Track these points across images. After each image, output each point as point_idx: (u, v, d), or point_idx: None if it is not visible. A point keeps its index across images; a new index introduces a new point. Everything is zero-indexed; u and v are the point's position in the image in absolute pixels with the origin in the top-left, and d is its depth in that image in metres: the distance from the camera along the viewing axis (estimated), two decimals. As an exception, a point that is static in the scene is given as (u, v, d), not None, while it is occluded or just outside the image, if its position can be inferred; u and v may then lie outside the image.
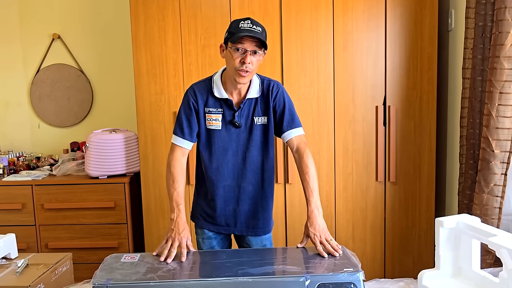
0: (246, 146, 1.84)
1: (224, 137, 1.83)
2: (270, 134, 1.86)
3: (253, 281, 1.37)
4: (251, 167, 1.86)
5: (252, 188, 1.88)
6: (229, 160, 1.85)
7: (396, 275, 2.67)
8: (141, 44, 2.63)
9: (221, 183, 1.86)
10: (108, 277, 1.41)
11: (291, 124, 1.84)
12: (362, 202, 2.68)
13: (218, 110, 1.81)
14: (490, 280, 1.46)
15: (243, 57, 1.68)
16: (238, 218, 1.91)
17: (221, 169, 1.85)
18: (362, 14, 2.57)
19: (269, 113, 1.83)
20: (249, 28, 1.67)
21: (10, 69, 3.41)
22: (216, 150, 1.84)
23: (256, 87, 1.82)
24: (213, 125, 1.82)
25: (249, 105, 1.82)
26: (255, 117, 1.83)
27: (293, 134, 1.84)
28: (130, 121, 3.20)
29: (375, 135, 2.64)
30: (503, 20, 1.87)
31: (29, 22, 3.37)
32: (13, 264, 1.96)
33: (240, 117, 1.82)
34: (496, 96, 1.91)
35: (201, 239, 1.96)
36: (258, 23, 1.72)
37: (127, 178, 2.88)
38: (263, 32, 1.71)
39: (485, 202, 1.97)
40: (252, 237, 1.93)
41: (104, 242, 2.88)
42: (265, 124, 1.84)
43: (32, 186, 2.88)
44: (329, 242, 1.62)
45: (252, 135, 1.83)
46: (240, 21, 1.70)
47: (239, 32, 1.66)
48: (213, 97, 1.81)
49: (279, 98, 1.83)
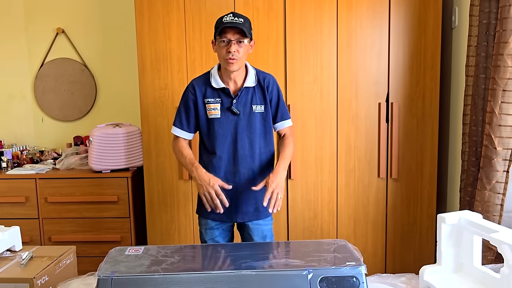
0: (245, 133, 1.97)
1: (223, 124, 1.96)
2: (268, 123, 2.02)
3: (256, 274, 1.38)
4: (250, 152, 1.98)
5: (251, 173, 2.00)
6: (230, 146, 1.97)
7: (397, 271, 2.68)
8: (146, 39, 2.64)
9: (222, 169, 1.97)
10: (113, 269, 1.42)
11: (284, 115, 2.05)
12: (364, 199, 2.70)
13: (216, 99, 1.96)
14: (491, 276, 1.47)
15: (228, 46, 1.86)
16: (238, 205, 1.99)
17: (223, 155, 1.97)
18: (366, 11, 2.57)
19: (266, 103, 1.99)
20: (230, 20, 1.85)
21: (14, 63, 3.42)
22: (216, 137, 1.96)
23: (252, 77, 1.97)
24: (213, 114, 1.97)
25: (246, 93, 1.97)
26: (254, 105, 1.97)
27: (285, 125, 2.06)
28: (134, 116, 3.21)
29: (378, 132, 2.65)
30: (507, 18, 1.87)
31: (34, 16, 3.37)
32: (17, 256, 1.97)
33: (238, 105, 1.95)
34: (499, 93, 1.91)
35: (204, 230, 2.05)
36: (241, 15, 1.88)
37: (130, 173, 2.90)
38: (245, 22, 1.87)
39: (487, 199, 1.98)
40: (253, 226, 2.01)
41: (107, 236, 2.90)
42: (263, 113, 1.99)
43: (35, 179, 2.90)
44: (276, 198, 1.85)
45: (251, 122, 1.97)
46: (224, 16, 1.88)
47: (223, 26, 1.85)
48: (211, 88, 1.97)
49: (273, 90, 2.01)
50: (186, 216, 2.75)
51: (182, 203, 2.75)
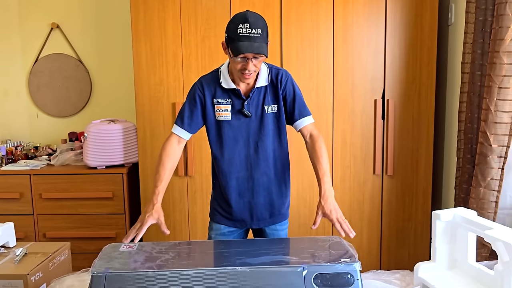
0: (258, 136, 1.82)
1: (234, 127, 1.81)
2: (282, 123, 1.84)
3: (251, 271, 1.37)
4: (264, 156, 1.83)
5: (266, 178, 1.86)
6: (241, 150, 1.83)
7: (392, 267, 2.69)
8: (141, 34, 2.62)
9: (234, 175, 1.85)
10: (106, 266, 1.42)
11: (303, 112, 1.83)
12: (359, 195, 2.70)
13: (226, 100, 1.80)
14: (485, 272, 1.48)
15: (245, 64, 1.67)
16: (254, 211, 1.89)
17: (233, 160, 1.83)
18: (362, 7, 2.57)
19: (279, 102, 1.81)
20: (247, 34, 1.61)
21: (8, 58, 3.40)
22: (227, 140, 1.82)
23: (264, 75, 1.80)
24: (222, 116, 1.81)
25: (258, 94, 1.80)
26: (266, 105, 1.81)
27: (305, 122, 1.83)
28: (129, 112, 3.20)
29: (374, 129, 2.65)
30: (503, 15, 1.87)
31: (28, 11, 3.35)
32: (11, 252, 1.96)
33: (249, 106, 1.80)
34: (495, 90, 1.91)
35: (214, 235, 1.94)
36: (257, 22, 1.63)
37: (125, 169, 2.89)
38: (263, 31, 1.64)
39: (482, 196, 1.99)
40: (270, 231, 1.92)
41: (102, 232, 2.89)
42: (276, 113, 1.82)
43: (30, 175, 2.88)
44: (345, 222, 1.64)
45: (263, 124, 1.81)
46: (239, 24, 1.62)
47: (239, 40, 1.62)
48: (221, 88, 1.80)
49: (289, 87, 1.81)
50: (181, 212, 2.75)
51: (177, 200, 2.75)
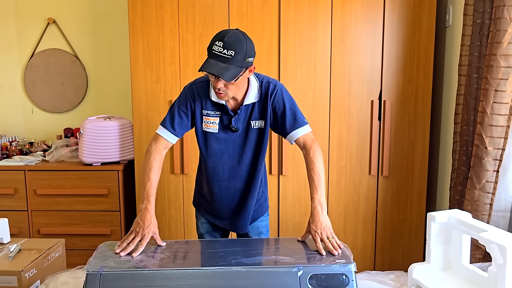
0: (242, 149, 1.81)
1: (221, 140, 1.80)
2: (265, 137, 1.82)
3: (246, 271, 1.38)
4: (247, 168, 1.84)
5: (246, 187, 1.87)
6: (225, 162, 1.83)
7: (386, 267, 2.70)
8: (138, 31, 2.61)
9: (217, 183, 1.85)
10: (102, 264, 1.42)
11: (294, 124, 1.77)
12: (354, 196, 2.70)
13: (216, 113, 1.77)
14: (479, 274, 1.49)
15: (214, 81, 1.62)
16: (235, 218, 1.91)
17: (217, 170, 1.83)
18: (360, 7, 2.57)
19: (266, 117, 1.78)
20: (217, 53, 1.55)
21: (4, 53, 3.37)
22: (212, 152, 1.82)
23: (254, 92, 1.75)
24: (210, 127, 1.78)
25: (246, 109, 1.77)
26: (252, 121, 1.78)
27: (298, 134, 1.77)
28: (125, 109, 3.18)
29: (370, 129, 2.65)
30: (501, 18, 1.87)
31: (25, 5, 3.32)
32: (5, 248, 1.96)
33: (237, 122, 1.77)
34: (491, 93, 1.92)
35: (200, 223, 2.00)
36: (234, 43, 1.56)
37: (120, 166, 2.88)
38: (237, 54, 1.55)
39: (477, 198, 2.00)
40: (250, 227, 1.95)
41: (97, 229, 2.88)
42: (262, 128, 1.80)
43: (25, 171, 2.87)
44: (330, 241, 1.57)
45: (248, 138, 1.80)
46: (216, 40, 1.57)
47: (208, 56, 1.58)
48: (211, 100, 1.76)
49: (278, 100, 1.76)
50: (176, 210, 2.75)
51: (173, 197, 2.74)
